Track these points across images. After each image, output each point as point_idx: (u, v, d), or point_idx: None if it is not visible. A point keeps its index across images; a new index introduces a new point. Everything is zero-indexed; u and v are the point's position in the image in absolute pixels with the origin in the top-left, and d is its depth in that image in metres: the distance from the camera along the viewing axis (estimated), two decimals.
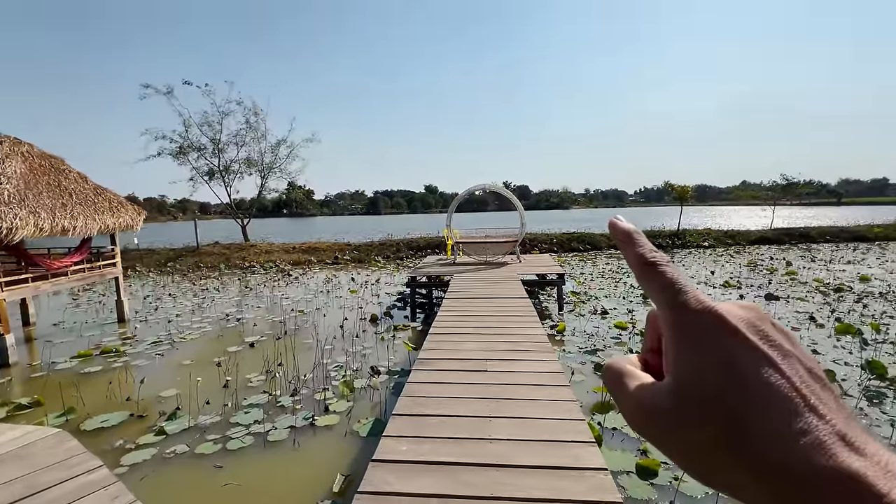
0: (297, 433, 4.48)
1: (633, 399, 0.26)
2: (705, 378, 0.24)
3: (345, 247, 20.00)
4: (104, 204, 8.39)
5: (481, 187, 10.92)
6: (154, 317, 9.57)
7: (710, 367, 0.24)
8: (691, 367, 0.24)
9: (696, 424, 0.23)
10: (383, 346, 7.04)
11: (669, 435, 0.24)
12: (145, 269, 17.25)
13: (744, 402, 0.22)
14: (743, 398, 0.22)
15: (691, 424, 0.23)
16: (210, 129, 22.39)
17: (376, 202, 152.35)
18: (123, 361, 6.72)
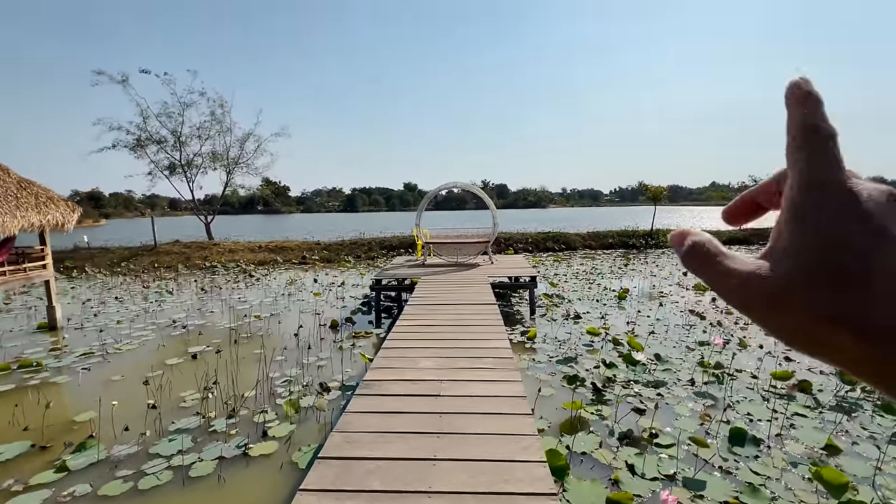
0: (226, 465, 3.89)
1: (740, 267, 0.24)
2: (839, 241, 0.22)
3: (314, 246, 19.22)
4: (28, 199, 7.52)
5: (452, 185, 10.43)
6: (92, 323, 8.71)
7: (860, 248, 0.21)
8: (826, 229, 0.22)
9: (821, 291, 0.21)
10: (341, 357, 6.48)
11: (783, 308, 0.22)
12: (95, 270, 16.08)
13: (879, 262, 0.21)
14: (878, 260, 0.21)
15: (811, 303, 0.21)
16: (170, 121, 21.20)
17: (354, 200, 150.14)
18: (41, 378, 5.95)
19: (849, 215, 0.22)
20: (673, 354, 6.32)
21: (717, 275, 0.25)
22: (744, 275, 0.24)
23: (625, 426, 4.36)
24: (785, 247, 0.24)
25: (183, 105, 21.23)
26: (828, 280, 0.21)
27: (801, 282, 0.22)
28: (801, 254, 0.23)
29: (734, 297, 0.25)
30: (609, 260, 16.65)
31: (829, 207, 0.23)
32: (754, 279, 0.24)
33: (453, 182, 10.34)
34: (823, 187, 0.23)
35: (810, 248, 0.22)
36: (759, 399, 4.95)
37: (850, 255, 0.21)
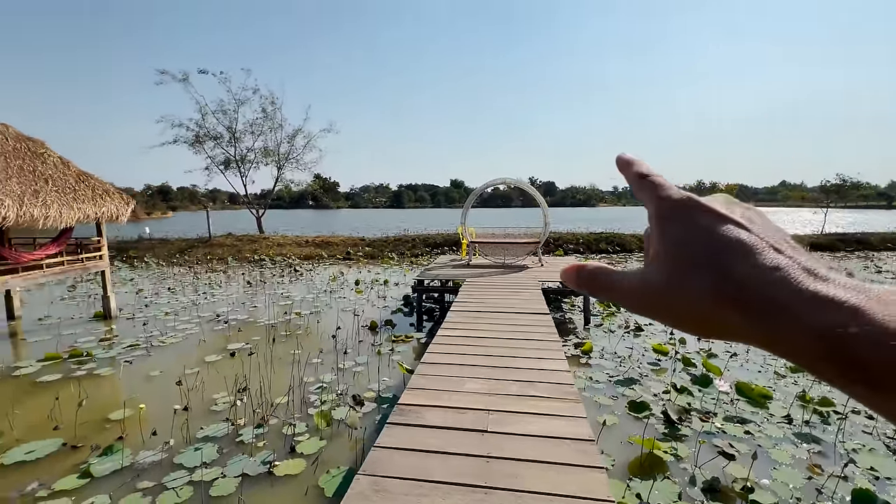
0: (248, 484, 3.55)
1: (625, 285, 0.31)
2: (691, 245, 0.28)
3: (359, 241, 19.21)
4: (86, 192, 7.71)
5: (499, 181, 9.78)
6: (143, 314, 8.91)
7: (694, 237, 0.28)
8: (678, 239, 0.29)
9: (691, 286, 0.27)
10: (379, 363, 6.08)
11: (667, 303, 0.28)
12: (154, 260, 16.88)
13: (727, 256, 0.27)
14: (725, 253, 0.27)
15: (687, 288, 0.27)
16: (226, 118, 21.97)
17: (400, 196, 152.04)
18: (88, 368, 5.98)
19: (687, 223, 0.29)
20: (759, 381, 5.38)
21: (616, 293, 0.31)
22: (637, 285, 0.30)
23: (709, 472, 3.61)
24: (660, 256, 0.30)
25: (237, 102, 21.97)
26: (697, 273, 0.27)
27: (677, 282, 0.28)
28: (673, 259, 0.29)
29: (634, 305, 0.31)
30: None
31: (674, 222, 0.30)
32: (650, 286, 0.30)
33: (501, 178, 9.69)
34: (666, 211, 0.31)
35: (677, 254, 0.29)
36: (882, 448, 3.99)
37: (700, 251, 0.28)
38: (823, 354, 0.23)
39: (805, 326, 0.24)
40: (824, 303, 0.24)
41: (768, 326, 0.25)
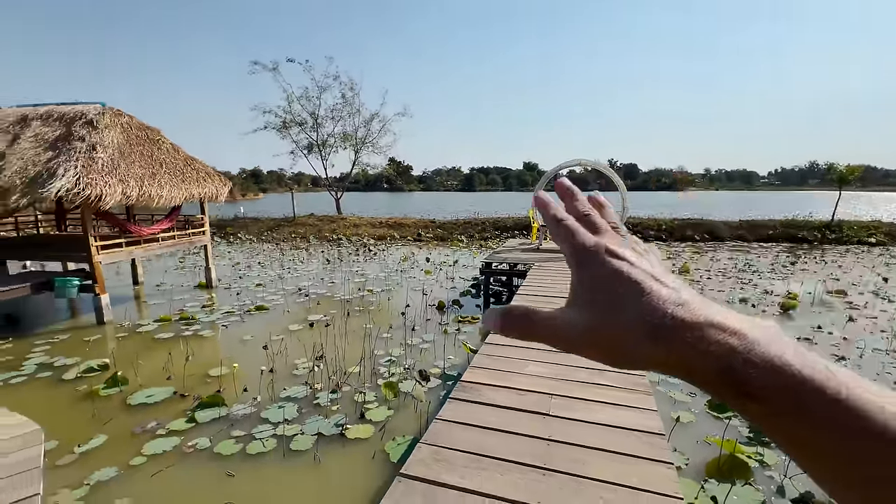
0: (323, 444, 3.86)
1: (551, 327, 0.33)
2: (606, 288, 0.31)
3: (429, 224, 19.58)
4: (192, 174, 8.66)
5: (574, 163, 9.33)
6: (237, 285, 9.92)
7: (608, 280, 0.31)
8: (593, 282, 0.32)
9: (611, 325, 0.30)
10: (445, 341, 6.22)
11: (592, 340, 0.31)
12: (247, 237, 18.62)
13: (639, 297, 0.30)
14: (637, 294, 0.30)
15: (608, 326, 0.30)
16: (309, 104, 23.30)
17: (471, 179, 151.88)
18: (193, 330, 6.82)
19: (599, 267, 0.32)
20: None
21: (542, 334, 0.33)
22: (563, 326, 0.32)
23: (801, 485, 3.26)
24: (579, 297, 0.32)
25: (320, 89, 23.16)
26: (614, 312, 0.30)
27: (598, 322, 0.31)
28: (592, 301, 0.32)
29: (563, 344, 0.32)
30: (769, 255, 13.75)
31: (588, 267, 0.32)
32: (574, 326, 0.32)
33: (577, 159, 9.24)
34: (581, 256, 0.33)
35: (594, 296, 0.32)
36: None
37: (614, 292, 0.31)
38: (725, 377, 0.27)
39: (712, 349, 0.27)
40: (722, 329, 0.28)
41: (682, 355, 0.28)
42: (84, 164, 6.70)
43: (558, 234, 0.35)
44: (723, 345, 0.27)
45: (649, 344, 0.29)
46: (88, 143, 7.08)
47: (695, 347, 0.28)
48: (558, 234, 0.35)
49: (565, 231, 0.34)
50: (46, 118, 7.69)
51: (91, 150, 7.00)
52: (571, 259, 0.33)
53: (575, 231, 0.34)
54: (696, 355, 0.28)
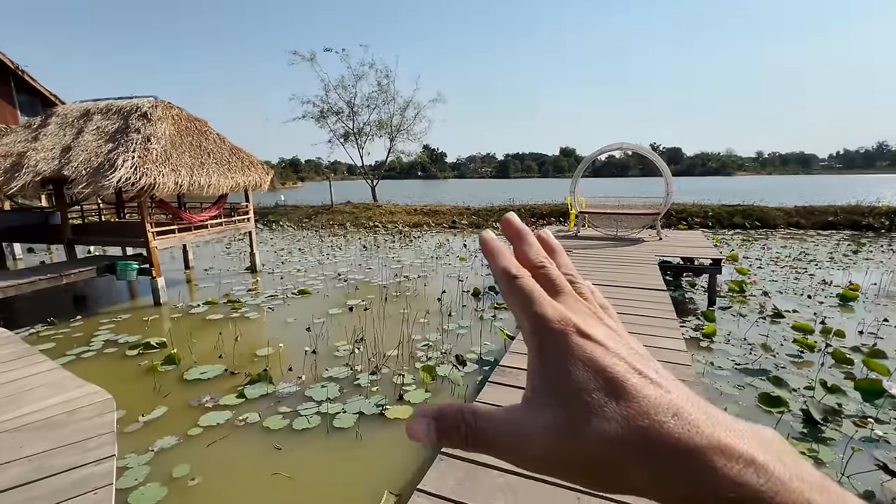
0: (364, 422, 3.99)
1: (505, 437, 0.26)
2: (580, 384, 0.25)
3: (464, 210, 19.55)
4: (237, 163, 9.01)
5: (616, 147, 9.02)
6: (280, 270, 10.31)
7: (581, 373, 0.25)
8: (561, 374, 0.25)
9: (587, 435, 0.24)
10: (481, 327, 6.25)
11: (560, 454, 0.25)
12: (288, 224, 19.26)
13: (621, 399, 0.24)
14: (619, 396, 0.24)
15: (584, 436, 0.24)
16: (346, 93, 23.60)
17: (506, 165, 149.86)
18: (240, 312, 7.17)
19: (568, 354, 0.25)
20: None
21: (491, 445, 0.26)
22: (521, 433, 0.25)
23: (861, 484, 3.08)
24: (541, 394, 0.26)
25: (356, 77, 23.39)
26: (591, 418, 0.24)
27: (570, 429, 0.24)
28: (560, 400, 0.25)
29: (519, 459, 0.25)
30: (828, 244, 12.85)
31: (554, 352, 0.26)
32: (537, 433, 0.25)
33: (618, 143, 8.92)
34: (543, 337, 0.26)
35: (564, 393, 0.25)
36: None
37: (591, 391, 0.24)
38: None
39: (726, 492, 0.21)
40: (734, 457, 0.22)
41: (683, 492, 0.22)
42: (140, 155, 7.11)
43: (511, 297, 0.28)
44: (739, 484, 0.21)
45: (636, 470, 0.23)
46: (143, 135, 7.49)
47: (700, 482, 0.22)
48: (511, 297, 0.28)
49: (520, 294, 0.28)
50: (106, 112, 8.20)
51: (146, 141, 7.41)
52: (529, 338, 0.27)
53: (531, 296, 0.27)
54: (704, 496, 0.22)
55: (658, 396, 0.24)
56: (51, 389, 2.92)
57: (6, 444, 2.34)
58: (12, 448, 2.30)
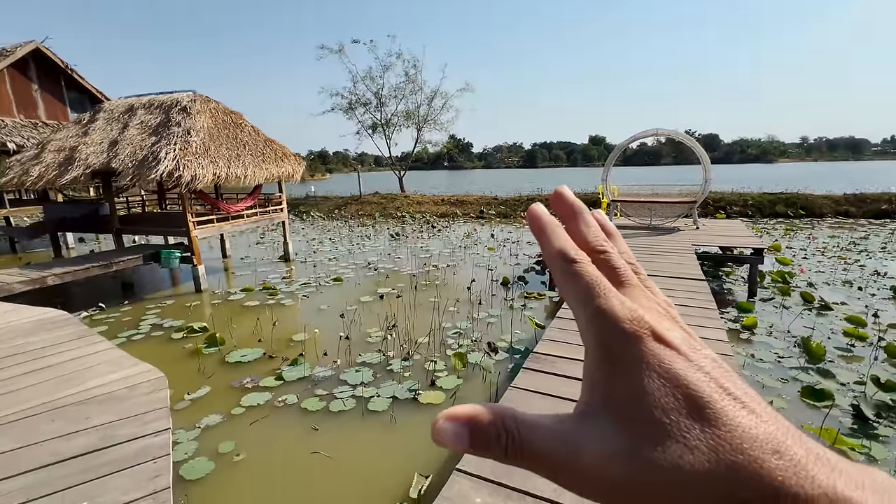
0: (398, 406, 4.08)
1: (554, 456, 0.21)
2: (662, 409, 0.20)
3: (492, 200, 19.42)
4: (271, 155, 9.24)
5: (650, 133, 8.73)
6: (312, 259, 10.57)
7: (663, 396, 0.21)
8: (639, 392, 0.21)
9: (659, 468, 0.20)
10: (511, 316, 6.24)
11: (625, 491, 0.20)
12: (318, 215, 19.65)
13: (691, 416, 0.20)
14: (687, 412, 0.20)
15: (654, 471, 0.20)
16: (373, 84, 23.70)
17: (533, 155, 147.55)
18: (276, 300, 7.41)
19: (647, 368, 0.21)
20: None
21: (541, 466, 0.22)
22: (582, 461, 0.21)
23: None
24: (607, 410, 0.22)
25: (383, 68, 23.44)
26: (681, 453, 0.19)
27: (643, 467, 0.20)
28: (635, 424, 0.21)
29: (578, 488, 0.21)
30: (881, 233, 12.10)
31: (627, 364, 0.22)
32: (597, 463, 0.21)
33: (652, 129, 8.63)
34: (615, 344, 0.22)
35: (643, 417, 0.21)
36: None
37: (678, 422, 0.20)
38: None
39: None
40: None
41: None
42: (181, 148, 7.39)
43: (568, 286, 0.24)
44: None
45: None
46: (184, 128, 7.78)
47: None
48: (568, 286, 0.24)
49: (581, 283, 0.23)
50: (148, 107, 8.54)
51: (186, 134, 7.70)
52: (591, 339, 0.23)
53: (595, 286, 0.23)
54: None
55: (753, 426, 0.19)
56: (110, 367, 3.12)
57: (75, 414, 2.52)
58: (80, 419, 2.48)
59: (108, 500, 1.91)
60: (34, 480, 2.03)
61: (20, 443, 2.29)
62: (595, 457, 0.21)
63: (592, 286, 0.23)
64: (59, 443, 2.28)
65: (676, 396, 0.20)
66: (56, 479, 2.03)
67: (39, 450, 2.23)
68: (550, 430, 0.22)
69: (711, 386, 0.21)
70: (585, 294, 0.23)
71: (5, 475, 2.05)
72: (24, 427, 2.42)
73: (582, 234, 0.26)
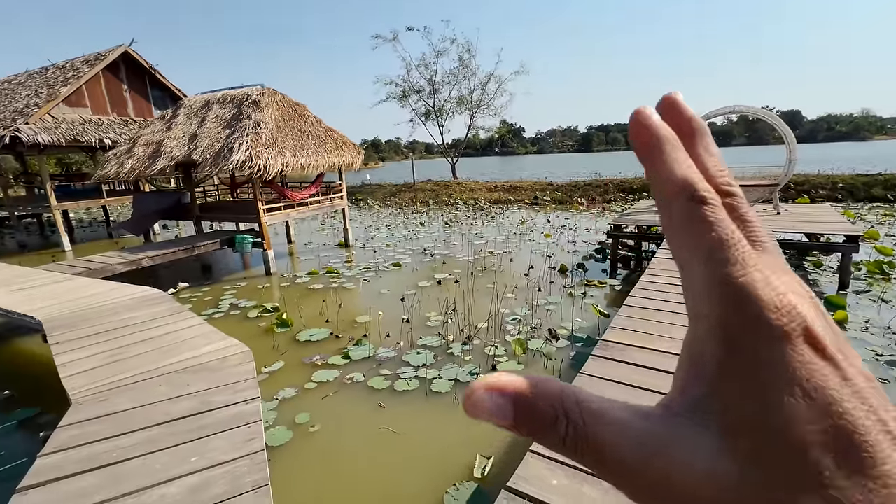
0: (461, 389, 4.16)
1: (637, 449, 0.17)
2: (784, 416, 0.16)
3: (546, 186, 18.95)
4: (332, 144, 9.58)
5: (727, 110, 8.05)
6: (370, 245, 10.91)
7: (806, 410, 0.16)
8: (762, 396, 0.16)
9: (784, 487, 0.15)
10: (570, 304, 6.12)
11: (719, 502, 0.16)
12: (373, 202, 20.18)
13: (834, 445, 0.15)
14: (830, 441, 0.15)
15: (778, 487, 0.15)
16: (427, 71, 23.74)
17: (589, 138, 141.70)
18: (338, 283, 7.75)
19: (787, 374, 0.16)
20: None
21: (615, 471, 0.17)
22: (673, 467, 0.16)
23: None
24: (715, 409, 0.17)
25: (437, 54, 23.38)
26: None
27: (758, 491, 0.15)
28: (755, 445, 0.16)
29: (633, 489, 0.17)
30: None
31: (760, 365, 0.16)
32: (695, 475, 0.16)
33: (729, 106, 7.94)
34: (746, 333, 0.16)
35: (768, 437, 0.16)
36: None
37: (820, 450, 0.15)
38: None
39: None
40: None
41: None
42: (252, 139, 7.85)
43: (688, 231, 0.18)
44: None
45: None
46: (254, 121, 8.25)
47: None
48: (688, 231, 0.18)
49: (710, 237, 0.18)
50: (222, 101, 9.12)
51: (256, 126, 8.16)
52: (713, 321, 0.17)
53: (728, 242, 0.17)
54: None
55: None
56: (203, 340, 3.44)
57: (177, 381, 2.82)
58: (182, 385, 2.77)
59: (212, 457, 2.12)
60: (151, 436, 2.29)
61: (136, 403, 2.60)
62: (684, 470, 0.16)
63: (727, 243, 0.17)
64: (168, 405, 2.56)
65: (825, 428, 0.15)
66: (168, 436, 2.29)
67: (153, 410, 2.51)
68: (626, 425, 0.17)
69: (871, 420, 0.15)
70: (714, 252, 0.17)
71: (128, 430, 2.34)
72: (139, 389, 2.74)
73: (703, 161, 0.20)
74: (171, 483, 1.94)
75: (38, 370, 4.94)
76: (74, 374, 2.98)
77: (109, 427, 2.37)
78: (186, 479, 1.96)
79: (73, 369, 3.05)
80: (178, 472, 2.01)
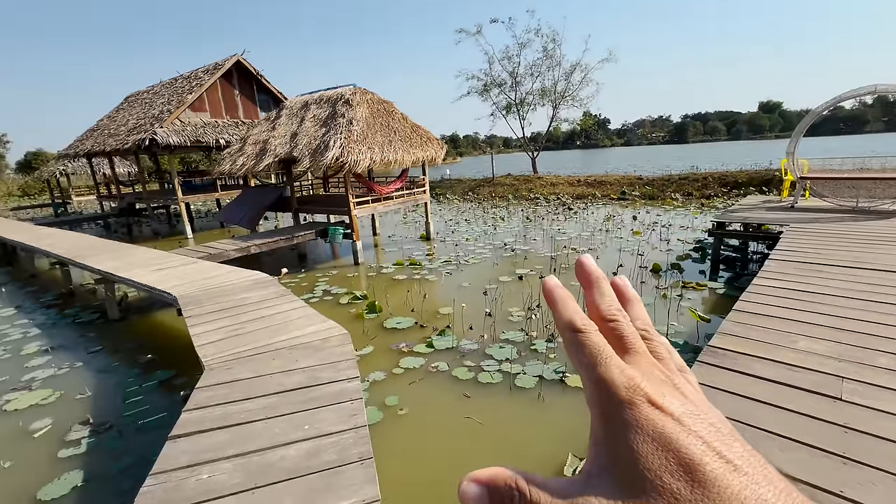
0: (545, 386, 4.10)
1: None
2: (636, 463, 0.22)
3: (635, 180, 17.80)
4: (417, 139, 9.87)
5: (867, 91, 6.91)
6: (450, 238, 11.10)
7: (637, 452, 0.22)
8: (628, 453, 0.22)
9: None
10: (664, 306, 5.71)
11: None
12: (453, 196, 20.45)
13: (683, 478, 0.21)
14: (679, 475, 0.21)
15: None
16: (509, 63, 23.38)
17: (683, 128, 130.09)
18: (421, 275, 8.00)
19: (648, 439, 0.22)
20: None
21: None
22: None
23: None
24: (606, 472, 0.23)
25: (520, 46, 22.91)
26: None
27: None
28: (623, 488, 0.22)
29: None
30: None
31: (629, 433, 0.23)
32: None
33: (871, 85, 6.79)
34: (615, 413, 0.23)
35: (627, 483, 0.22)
36: None
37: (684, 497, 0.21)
38: None
39: None
40: None
41: None
42: (345, 136, 8.36)
43: (573, 354, 0.26)
44: None
45: None
46: (347, 119, 8.77)
47: None
48: (573, 354, 0.26)
49: (583, 352, 0.25)
50: (319, 101, 9.81)
51: (349, 124, 8.66)
52: (594, 406, 0.25)
53: (597, 355, 0.25)
54: None
55: (742, 487, 0.20)
56: (307, 321, 3.76)
57: (288, 357, 3.12)
58: (292, 360, 3.06)
59: (320, 427, 2.32)
60: (270, 403, 2.57)
61: (255, 373, 2.92)
62: None
63: (595, 355, 0.25)
64: (282, 377, 2.84)
65: (668, 459, 0.21)
66: (283, 405, 2.54)
67: (269, 380, 2.81)
68: (558, 492, 0.23)
69: (702, 449, 0.21)
70: (588, 362, 0.25)
71: (250, 396, 2.64)
72: (257, 361, 3.08)
73: (596, 302, 0.29)
74: (290, 446, 2.16)
75: (173, 339, 5.75)
76: (205, 343, 3.43)
77: (236, 392, 2.69)
78: (302, 445, 2.17)
79: (204, 339, 3.50)
80: (294, 438, 2.22)
